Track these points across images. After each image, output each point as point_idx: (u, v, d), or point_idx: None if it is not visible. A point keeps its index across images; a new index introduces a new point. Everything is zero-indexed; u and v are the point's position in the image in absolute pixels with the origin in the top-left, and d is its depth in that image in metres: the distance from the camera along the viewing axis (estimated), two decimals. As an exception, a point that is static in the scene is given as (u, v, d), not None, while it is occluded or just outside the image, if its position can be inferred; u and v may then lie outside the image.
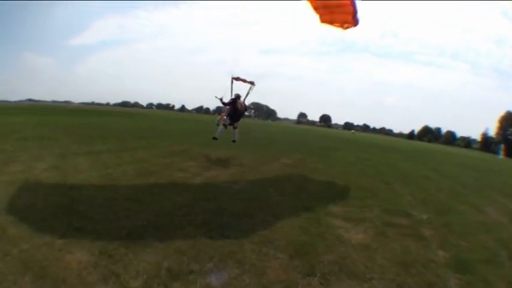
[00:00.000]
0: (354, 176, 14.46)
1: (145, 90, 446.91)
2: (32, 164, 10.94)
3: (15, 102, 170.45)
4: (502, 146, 76.11)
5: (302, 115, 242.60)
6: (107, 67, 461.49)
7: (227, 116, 15.34)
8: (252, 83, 15.75)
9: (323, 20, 13.24)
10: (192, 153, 16.29)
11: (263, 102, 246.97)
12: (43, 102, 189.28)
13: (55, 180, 9.13)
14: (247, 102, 15.92)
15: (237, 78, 15.30)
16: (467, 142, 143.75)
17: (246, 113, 17.28)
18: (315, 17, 12.93)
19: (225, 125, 15.34)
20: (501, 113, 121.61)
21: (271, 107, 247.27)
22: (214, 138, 15.50)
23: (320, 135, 59.07)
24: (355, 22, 12.44)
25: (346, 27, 12.73)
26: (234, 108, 14.98)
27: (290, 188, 11.02)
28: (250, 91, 15.86)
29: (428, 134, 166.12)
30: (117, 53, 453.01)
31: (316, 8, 12.62)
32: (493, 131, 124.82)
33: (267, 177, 12.26)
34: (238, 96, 15.24)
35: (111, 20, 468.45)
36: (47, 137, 18.05)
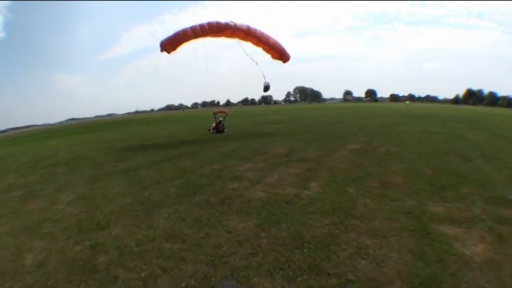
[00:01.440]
0: (432, 157, 12.15)
1: (188, 91, 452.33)
2: (55, 197, 9.22)
3: (56, 123, 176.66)
4: None
5: (347, 93, 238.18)
6: (145, 74, 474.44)
7: (214, 130, 24.44)
8: (225, 112, 27.19)
9: (274, 58, 21.71)
10: (245, 152, 14.19)
11: (307, 85, 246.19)
12: (86, 119, 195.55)
13: (78, 218, 7.21)
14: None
15: (215, 112, 26.56)
16: (508, 101, 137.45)
17: (225, 130, 24.63)
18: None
19: (213, 133, 24.15)
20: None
21: (315, 88, 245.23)
22: (208, 130, 25.20)
23: (373, 111, 54.71)
24: (285, 58, 21.97)
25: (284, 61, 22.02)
26: (217, 128, 24.36)
27: (372, 184, 8.50)
28: (226, 116, 26.53)
29: (472, 97, 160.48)
30: (152, 59, 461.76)
31: (266, 50, 20.61)
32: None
33: (340, 173, 9.75)
34: (220, 121, 24.77)
35: (139, 29, 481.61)
36: (82, 157, 16.69)
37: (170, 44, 18.23)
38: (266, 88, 21.14)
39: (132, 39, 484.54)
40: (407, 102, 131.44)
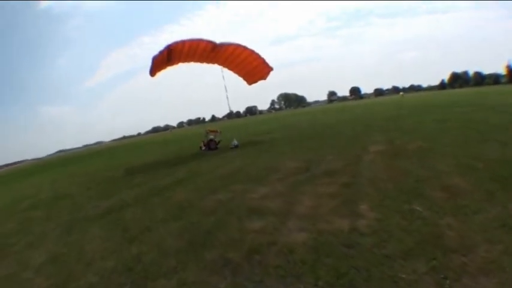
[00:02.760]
0: (469, 147, 10.43)
1: (173, 110, 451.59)
2: (26, 256, 7.07)
3: (45, 157, 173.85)
4: None
5: (332, 94, 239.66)
6: (129, 99, 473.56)
7: (206, 147, 22.71)
8: (218, 131, 24.48)
9: (250, 83, 22.43)
10: (253, 171, 11.70)
11: (290, 91, 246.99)
12: (75, 150, 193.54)
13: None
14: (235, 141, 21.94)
15: (208, 132, 23.88)
16: (495, 78, 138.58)
17: (218, 147, 22.58)
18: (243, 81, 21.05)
19: (205, 150, 22.50)
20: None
21: (299, 93, 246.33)
22: (200, 148, 23.24)
23: (368, 107, 52.15)
24: (269, 70, 20.97)
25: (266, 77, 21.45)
26: (209, 145, 22.56)
27: (437, 194, 6.40)
28: (220, 135, 24.09)
29: (458, 80, 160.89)
30: (134, 83, 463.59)
31: (242, 76, 20.05)
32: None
33: (388, 184, 7.49)
34: (211, 139, 22.94)
35: (118, 54, 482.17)
36: (62, 195, 14.42)
37: (157, 69, 18.75)
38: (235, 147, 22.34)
39: (113, 65, 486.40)
40: (401, 93, 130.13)
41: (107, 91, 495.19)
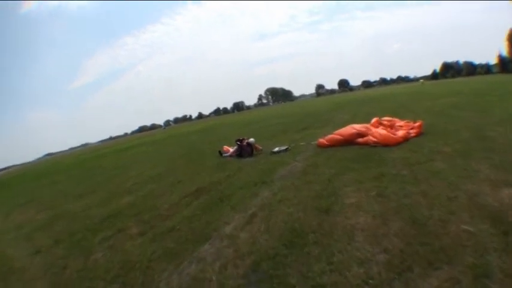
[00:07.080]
0: None
1: (159, 109, 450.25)
2: None
3: (33, 161, 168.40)
4: None
5: (320, 87, 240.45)
6: (114, 99, 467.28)
7: (234, 153, 15.42)
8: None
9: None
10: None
11: (277, 85, 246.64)
12: (61, 153, 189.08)
13: None
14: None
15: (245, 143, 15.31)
16: (486, 68, 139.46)
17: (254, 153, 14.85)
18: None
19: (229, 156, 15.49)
20: (506, 30, 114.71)
21: (286, 88, 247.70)
22: (219, 152, 16.38)
23: (393, 96, 44.61)
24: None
25: None
26: (242, 151, 14.95)
27: None
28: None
29: (450, 70, 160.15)
30: (119, 83, 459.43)
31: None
32: (505, 51, 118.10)
33: None
34: (248, 143, 15.10)
35: (101, 56, 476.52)
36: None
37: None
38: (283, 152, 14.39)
39: (96, 66, 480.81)
40: (421, 81, 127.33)
41: (92, 92, 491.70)
